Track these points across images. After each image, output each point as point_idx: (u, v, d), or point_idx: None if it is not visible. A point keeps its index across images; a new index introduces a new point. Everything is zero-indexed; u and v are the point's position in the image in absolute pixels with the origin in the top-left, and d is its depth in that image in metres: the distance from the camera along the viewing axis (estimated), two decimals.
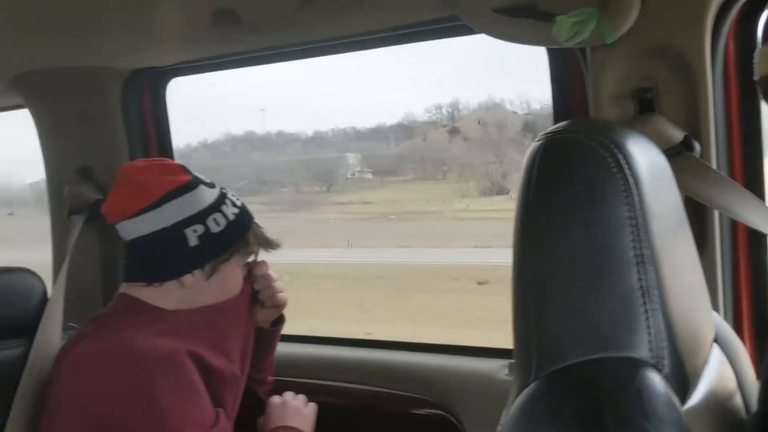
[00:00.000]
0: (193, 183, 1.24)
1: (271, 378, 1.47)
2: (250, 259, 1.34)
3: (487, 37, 1.21)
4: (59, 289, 1.45)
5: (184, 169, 1.26)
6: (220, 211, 1.25)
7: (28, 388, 1.29)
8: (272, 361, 1.46)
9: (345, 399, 1.53)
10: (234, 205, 1.28)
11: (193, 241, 1.22)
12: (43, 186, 1.75)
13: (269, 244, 1.34)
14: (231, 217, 1.26)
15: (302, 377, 1.57)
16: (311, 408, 1.38)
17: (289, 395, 1.38)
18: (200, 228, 1.22)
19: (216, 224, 1.24)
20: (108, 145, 1.65)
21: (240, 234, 1.27)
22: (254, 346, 1.36)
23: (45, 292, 1.45)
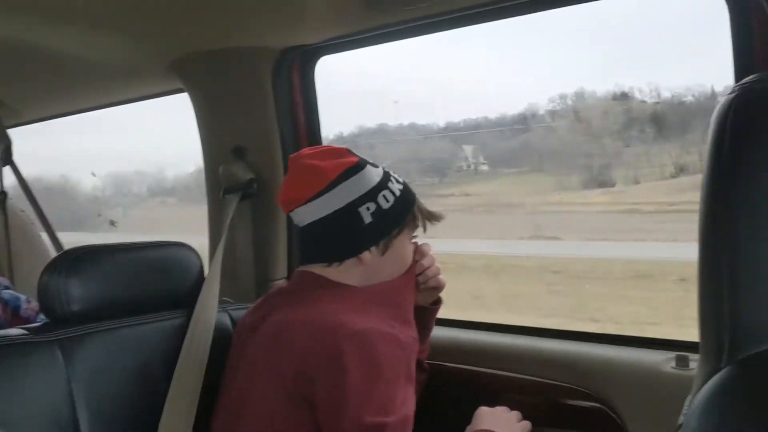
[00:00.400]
0: (361, 163, 1.28)
1: (426, 363, 1.44)
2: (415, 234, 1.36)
3: (621, 20, 1.11)
4: (216, 265, 1.50)
5: (349, 152, 1.30)
6: (388, 188, 1.28)
7: (189, 355, 1.35)
8: (427, 344, 1.45)
9: (495, 386, 1.47)
10: (397, 181, 1.32)
11: (367, 218, 1.26)
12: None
13: (433, 217, 1.36)
14: (397, 192, 1.29)
15: (449, 362, 1.53)
16: (524, 425, 1.28)
17: (501, 408, 1.30)
18: (372, 205, 1.26)
19: (386, 200, 1.27)
20: (259, 125, 1.68)
21: (408, 208, 1.31)
22: None
23: (201, 267, 1.51)
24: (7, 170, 2.13)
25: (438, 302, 1.44)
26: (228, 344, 1.41)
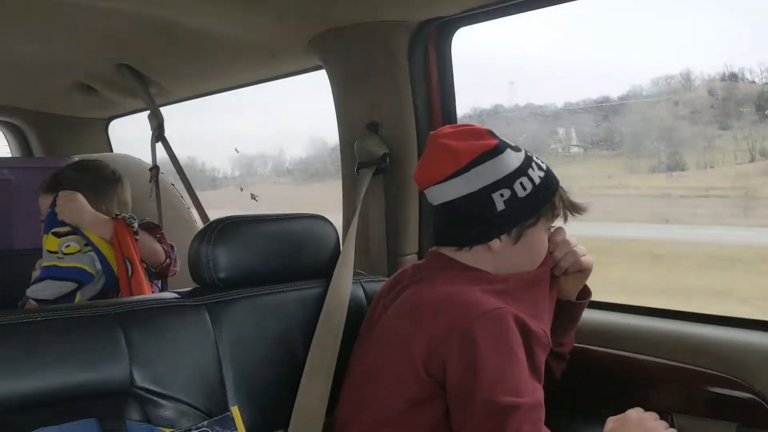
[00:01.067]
0: (500, 147, 1.24)
1: (567, 356, 1.41)
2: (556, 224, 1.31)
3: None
4: (351, 238, 1.53)
5: (490, 134, 1.26)
6: (527, 174, 1.24)
7: (325, 324, 1.39)
8: (572, 337, 1.40)
9: (642, 373, 1.41)
10: (540, 168, 1.26)
11: (499, 205, 1.22)
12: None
13: (576, 209, 1.30)
14: (537, 180, 1.24)
15: (592, 345, 1.48)
16: None
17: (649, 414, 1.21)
18: (507, 192, 1.22)
19: (522, 188, 1.23)
20: (394, 100, 1.69)
21: (546, 198, 1.25)
22: (554, 318, 1.31)
23: (338, 239, 1.55)
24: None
25: (586, 295, 1.39)
26: (361, 315, 1.44)
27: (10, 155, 2.77)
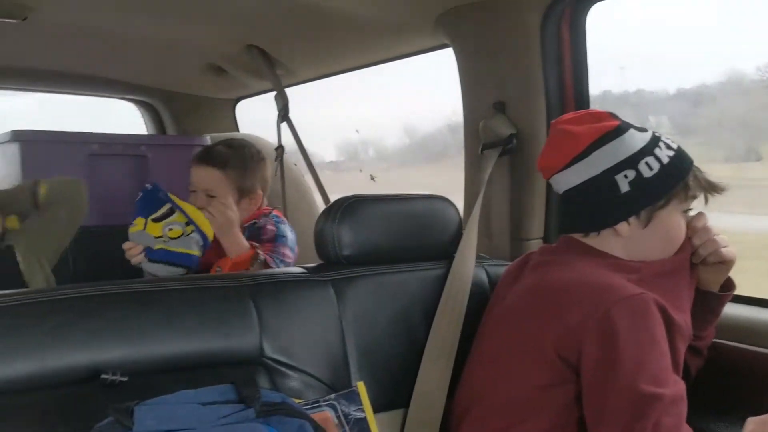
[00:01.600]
0: (622, 128, 1.20)
1: (705, 351, 1.33)
2: (692, 207, 1.25)
3: None
4: (474, 219, 1.51)
5: (612, 116, 1.22)
6: (653, 154, 1.18)
7: (447, 306, 1.38)
8: (712, 330, 1.32)
9: None
10: (669, 147, 1.20)
11: (624, 187, 1.18)
12: None
13: (714, 188, 1.23)
14: (665, 160, 1.18)
15: (735, 341, 1.38)
16: None
17: None
18: (631, 173, 1.17)
19: (649, 168, 1.17)
20: (523, 79, 1.64)
21: (677, 177, 1.19)
22: (693, 310, 1.24)
23: (460, 221, 1.53)
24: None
25: (729, 288, 1.30)
26: (483, 299, 1.42)
27: (146, 133, 2.93)
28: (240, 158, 1.91)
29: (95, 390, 1.03)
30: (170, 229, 1.76)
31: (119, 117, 3.08)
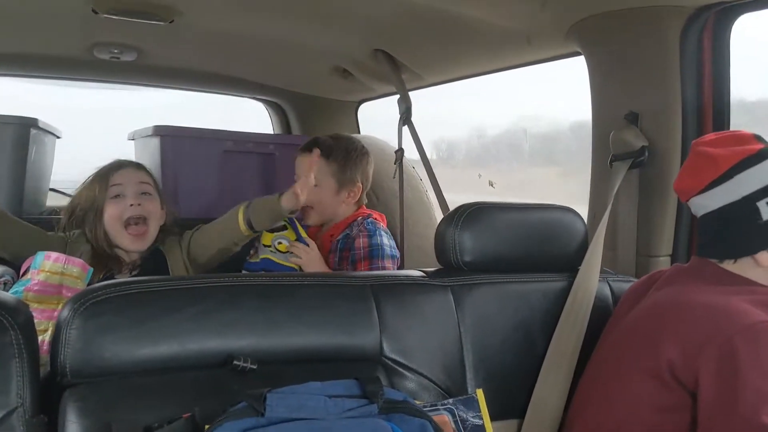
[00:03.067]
0: (765, 152, 1.14)
1: None
2: None
3: None
4: (600, 233, 1.47)
5: (756, 138, 1.17)
6: None
7: (568, 320, 1.36)
8: None
9: None
10: None
11: (766, 215, 1.12)
12: None
13: None
14: None
15: None
16: None
17: None
18: None
19: None
20: (659, 91, 1.58)
21: None
22: None
23: (586, 233, 1.50)
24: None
25: None
26: (606, 314, 1.38)
27: (272, 132, 3.05)
28: (342, 149, 1.97)
29: (228, 375, 1.09)
30: (279, 243, 1.85)
31: (248, 116, 3.22)
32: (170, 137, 2.26)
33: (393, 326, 1.27)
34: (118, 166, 1.81)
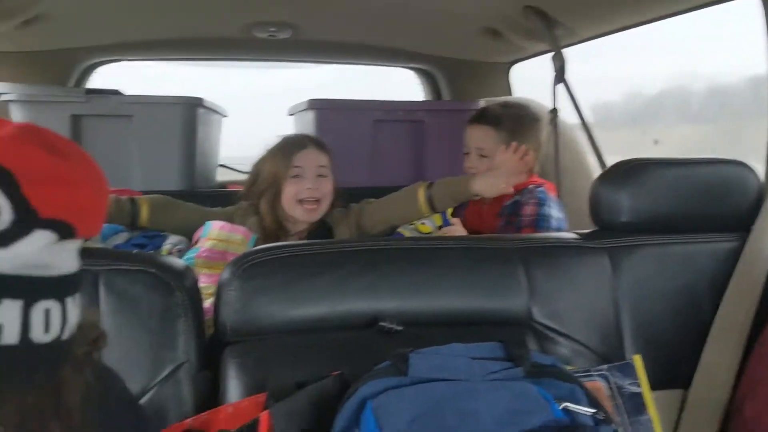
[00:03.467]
0: None
1: None
2: None
3: None
4: None
5: None
6: None
7: (740, 284, 1.25)
8: None
9: None
10: None
11: None
12: None
13: None
14: None
15: None
16: None
17: None
18: None
19: None
20: None
21: None
22: None
23: (760, 189, 1.35)
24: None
25: None
26: None
27: (423, 99, 3.04)
28: (513, 118, 1.90)
29: (374, 336, 1.11)
30: (422, 224, 1.85)
31: (396, 85, 3.25)
32: (323, 110, 2.33)
33: (543, 290, 1.23)
34: (301, 145, 1.82)
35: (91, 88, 2.45)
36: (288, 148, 1.82)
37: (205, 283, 1.47)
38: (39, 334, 0.50)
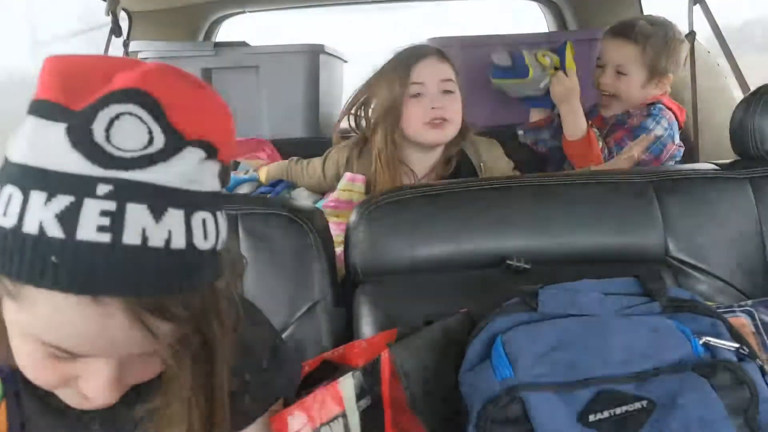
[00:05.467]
0: None
1: None
2: None
3: None
4: None
5: None
6: None
7: None
8: None
9: None
10: None
11: None
12: None
13: None
14: None
15: None
16: None
17: None
18: None
19: None
20: None
21: None
22: None
23: None
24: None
25: None
26: None
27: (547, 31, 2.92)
28: (662, 37, 1.79)
29: (501, 274, 1.11)
30: (543, 55, 1.79)
31: (518, 19, 3.13)
32: (444, 48, 2.29)
33: (680, 224, 1.17)
34: (419, 55, 1.56)
35: (219, 41, 2.54)
36: (403, 61, 1.56)
37: (334, 232, 1.51)
38: (200, 241, 0.56)
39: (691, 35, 2.07)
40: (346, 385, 0.88)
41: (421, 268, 1.13)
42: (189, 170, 0.55)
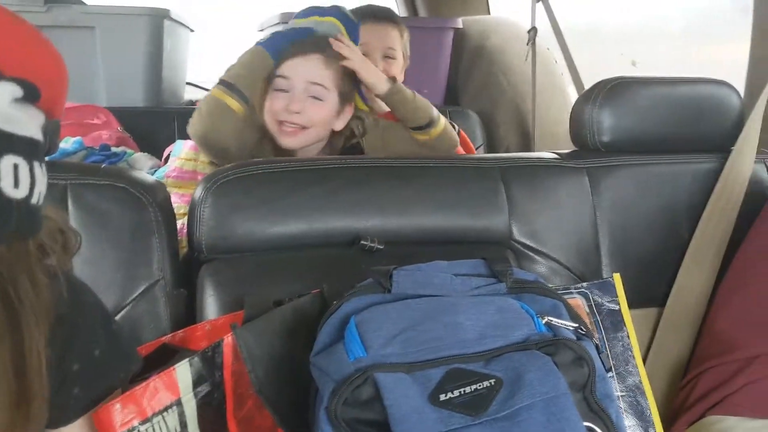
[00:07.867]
0: None
1: None
2: None
3: None
4: (759, 109, 1.31)
5: None
6: None
7: (717, 205, 1.26)
8: None
9: None
10: None
11: None
12: None
13: None
14: None
15: None
16: None
17: None
18: None
19: None
20: None
21: None
22: None
23: (742, 109, 1.34)
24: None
25: None
26: (761, 199, 1.25)
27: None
28: None
29: (355, 254, 1.09)
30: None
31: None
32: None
33: (523, 209, 1.22)
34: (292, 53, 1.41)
35: None
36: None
37: (176, 203, 1.43)
38: (8, 187, 0.51)
39: (533, 31, 2.18)
40: (183, 370, 0.82)
41: (272, 247, 1.09)
42: (3, 106, 0.50)
